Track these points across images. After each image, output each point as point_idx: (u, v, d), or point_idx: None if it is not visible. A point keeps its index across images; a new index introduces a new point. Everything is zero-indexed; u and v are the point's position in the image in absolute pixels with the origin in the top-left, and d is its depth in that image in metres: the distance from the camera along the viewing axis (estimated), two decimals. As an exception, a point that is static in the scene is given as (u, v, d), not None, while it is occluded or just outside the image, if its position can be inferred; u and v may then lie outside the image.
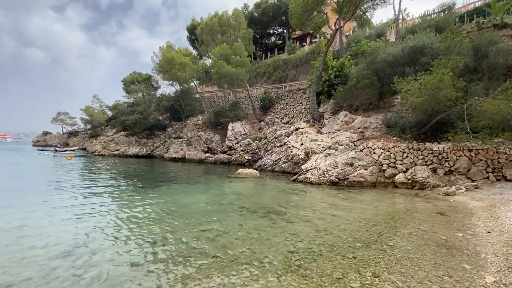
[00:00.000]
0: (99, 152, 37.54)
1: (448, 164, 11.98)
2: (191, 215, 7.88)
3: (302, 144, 17.24)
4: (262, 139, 25.05)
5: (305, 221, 7.44)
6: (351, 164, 13.41)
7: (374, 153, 13.57)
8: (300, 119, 24.43)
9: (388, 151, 13.20)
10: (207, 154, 27.29)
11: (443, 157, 12.11)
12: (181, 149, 29.63)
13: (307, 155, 15.89)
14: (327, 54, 19.62)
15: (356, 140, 14.67)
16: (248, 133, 26.65)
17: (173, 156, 29.57)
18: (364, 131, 15.27)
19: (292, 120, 26.57)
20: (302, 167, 14.96)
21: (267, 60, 37.22)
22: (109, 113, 52.91)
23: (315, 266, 4.64)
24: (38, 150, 42.88)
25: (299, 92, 27.17)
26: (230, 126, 27.24)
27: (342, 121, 16.58)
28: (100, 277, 4.11)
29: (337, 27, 19.21)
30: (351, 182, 12.94)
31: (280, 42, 43.54)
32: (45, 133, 74.62)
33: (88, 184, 13.35)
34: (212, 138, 28.20)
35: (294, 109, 27.13)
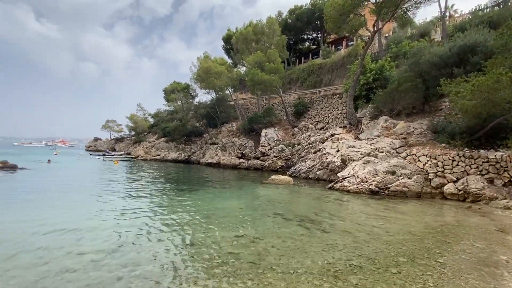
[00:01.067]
0: (142, 157, 40.25)
1: (508, 174, 10.66)
2: (226, 219, 8.02)
3: (338, 151, 16.68)
4: (296, 145, 24.76)
5: (343, 231, 7.14)
6: (393, 173, 12.59)
7: (418, 161, 12.60)
8: (336, 125, 23.71)
9: (435, 158, 12.16)
10: (241, 160, 27.71)
11: (501, 166, 10.82)
12: (216, 155, 30.51)
13: (344, 162, 15.31)
14: (365, 57, 18.90)
15: (398, 147, 13.78)
16: (281, 139, 26.55)
17: (209, 161, 30.55)
18: (407, 137, 14.30)
19: (327, 126, 25.90)
20: (339, 174, 14.44)
21: (301, 66, 36.96)
22: (151, 120, 56.65)
23: (355, 278, 4.40)
24: (90, 154, 47.38)
25: (334, 97, 26.46)
26: (263, 132, 27.42)
27: (382, 127, 15.73)
28: (143, 275, 4.36)
29: (375, 28, 18.42)
30: (392, 192, 12.14)
31: (314, 47, 43.04)
32: (96, 139, 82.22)
33: (133, 187, 14.35)
34: (245, 144, 28.61)
35: (330, 115, 26.44)
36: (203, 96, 62.92)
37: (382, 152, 13.84)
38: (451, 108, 14.01)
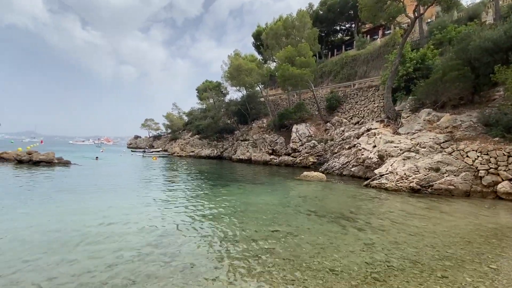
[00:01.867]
0: (177, 153, 42.21)
1: None
2: (259, 214, 8.11)
3: (374, 147, 15.90)
4: (329, 141, 24.10)
5: (381, 230, 6.82)
6: (437, 169, 11.69)
7: (467, 156, 11.54)
8: (372, 119, 22.62)
9: (487, 154, 11.04)
10: (272, 156, 27.73)
11: None
12: (247, 151, 30.89)
13: (381, 159, 14.56)
14: (404, 46, 17.68)
15: (443, 142, 12.74)
16: (313, 135, 26.03)
17: (240, 157, 31.06)
18: (453, 131, 13.15)
19: (362, 120, 24.80)
20: (376, 171, 13.78)
21: (334, 58, 35.74)
22: (186, 118, 59.03)
23: (396, 281, 4.20)
24: (131, 151, 50.91)
25: (370, 89, 25.21)
26: (294, 128, 27.10)
27: (424, 120, 14.65)
28: (183, 266, 4.61)
29: (416, 14, 17.08)
30: (436, 190, 11.29)
31: (347, 38, 41.26)
32: (136, 137, 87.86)
33: (171, 182, 15.15)
34: (276, 140, 28.54)
35: (365, 108, 25.27)
36: (234, 94, 63.90)
37: (424, 148, 12.91)
38: (506, 98, 12.55)
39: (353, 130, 22.00)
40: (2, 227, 6.33)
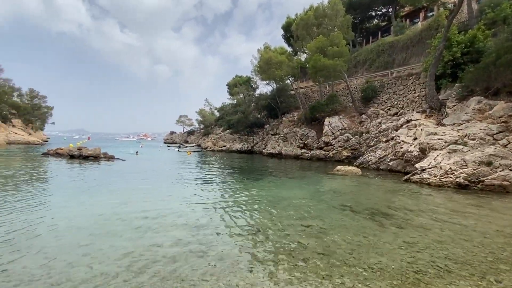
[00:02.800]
0: (210, 148, 43.51)
1: None
2: (291, 208, 8.07)
3: (415, 139, 14.87)
4: (364, 134, 23.04)
5: (423, 228, 6.40)
6: (489, 163, 10.59)
7: (526, 149, 10.27)
8: (413, 110, 21.13)
9: (552, 146, 9.71)
10: (303, 150, 27.30)
11: None
12: (278, 145, 30.77)
13: (423, 152, 13.58)
14: (450, 28, 16.09)
15: (496, 133, 11.48)
16: (347, 128, 25.07)
17: (271, 151, 31.06)
18: (508, 121, 11.78)
19: (401, 111, 23.28)
20: (417, 165, 12.90)
21: (369, 46, 33.79)
22: (217, 114, 60.46)
23: (442, 283, 3.92)
24: (168, 146, 53.61)
25: (410, 78, 23.49)
26: (326, 121, 26.32)
27: (473, 109, 13.31)
28: (219, 257, 4.77)
29: (464, -8, 15.42)
30: (487, 186, 10.26)
31: (384, 23, 38.69)
32: (171, 133, 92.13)
33: (205, 175, 15.70)
34: (307, 134, 28.00)
35: (404, 98, 23.66)
36: (264, 88, 63.78)
37: (473, 139, 11.76)
38: None
39: (391, 122, 20.75)
40: (61, 215, 7.09)
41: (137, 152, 31.90)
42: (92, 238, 5.48)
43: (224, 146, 41.51)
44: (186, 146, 49.88)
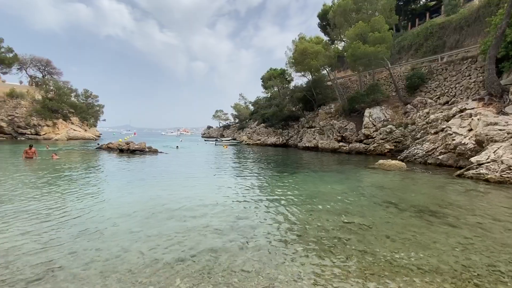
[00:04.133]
0: (245, 142, 44.21)
1: None
2: (330, 203, 7.85)
3: (470, 130, 13.41)
4: (409, 125, 21.43)
5: (480, 228, 5.79)
6: None
7: None
8: (467, 97, 19.06)
9: None
10: (341, 143, 26.34)
11: None
12: (314, 138, 30.08)
13: (480, 144, 12.20)
14: (516, 2, 14.01)
15: None
16: (389, 119, 23.54)
17: (306, 145, 30.51)
18: None
19: (453, 99, 21.13)
20: (472, 159, 11.64)
21: (415, 29, 31.11)
22: (252, 108, 60.95)
23: (505, 291, 3.51)
24: (205, 140, 55.74)
25: (464, 62, 21.14)
26: (367, 112, 24.97)
27: (545, 95, 11.52)
28: (259, 248, 4.84)
29: (536, -42, 13.24)
30: None
31: (433, 3, 35.14)
32: (209, 127, 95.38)
33: (242, 168, 16.02)
34: (346, 126, 26.90)
35: (457, 85, 21.41)
36: (299, 80, 62.48)
37: (545, 130, 10.22)
38: None
39: (441, 112, 18.94)
40: (115, 203, 7.81)
41: (177, 146, 33.67)
42: (141, 225, 5.94)
43: (259, 139, 41.82)
44: (222, 140, 51.34)
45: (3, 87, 43.92)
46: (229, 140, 50.50)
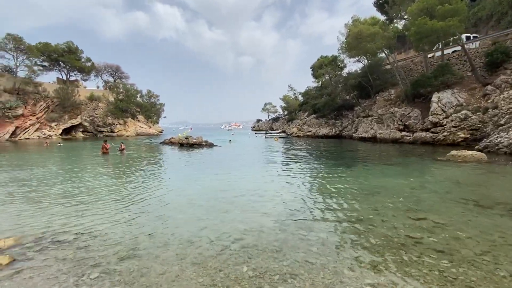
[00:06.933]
0: (295, 134, 43.65)
1: None
2: (396, 199, 7.27)
3: None
4: (490, 110, 18.42)
5: None
6: None
7: None
8: None
9: None
10: (403, 133, 24.07)
11: None
12: (371, 128, 28.10)
13: None
14: None
15: None
16: (464, 104, 20.57)
17: (362, 135, 28.72)
18: None
19: (551, 76, 17.38)
20: None
21: (497, -4, 26.17)
22: (301, 99, 59.64)
23: None
24: (255, 134, 56.81)
25: None
26: (434, 96, 22.22)
27: None
28: (319, 241, 4.78)
29: None
30: None
31: (523, -40, 28.97)
32: (258, 121, 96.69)
33: (294, 161, 15.90)
34: (409, 113, 24.41)
35: (557, 58, 17.51)
36: (353, 66, 58.61)
37: None
38: None
39: (535, 92, 15.78)
40: (181, 193, 8.55)
41: (230, 140, 35.04)
42: (207, 213, 6.40)
43: (309, 131, 40.83)
44: (272, 133, 51.62)
45: (85, 92, 51.41)
46: (278, 133, 50.49)
